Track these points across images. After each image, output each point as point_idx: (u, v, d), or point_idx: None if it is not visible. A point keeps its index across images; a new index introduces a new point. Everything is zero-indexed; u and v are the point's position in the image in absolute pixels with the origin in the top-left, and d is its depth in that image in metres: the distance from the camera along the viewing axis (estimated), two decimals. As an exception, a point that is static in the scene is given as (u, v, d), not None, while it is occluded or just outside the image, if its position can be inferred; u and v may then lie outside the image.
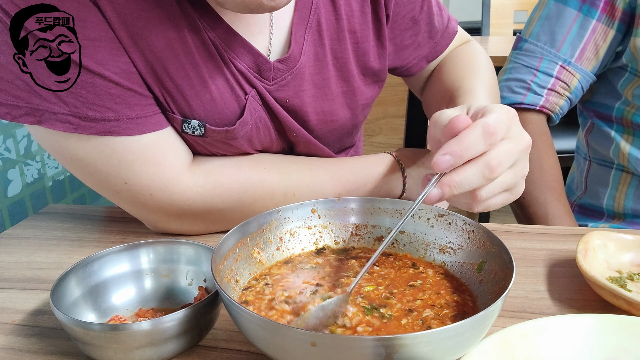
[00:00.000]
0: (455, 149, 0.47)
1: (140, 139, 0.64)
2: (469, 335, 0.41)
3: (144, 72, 0.63)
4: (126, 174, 0.64)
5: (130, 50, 0.62)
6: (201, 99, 0.66)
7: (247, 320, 0.42)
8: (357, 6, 0.75)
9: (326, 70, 0.74)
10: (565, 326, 0.48)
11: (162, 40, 0.63)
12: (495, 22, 2.96)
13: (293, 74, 0.71)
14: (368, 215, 0.61)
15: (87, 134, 0.61)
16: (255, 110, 0.70)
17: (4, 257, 0.70)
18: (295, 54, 0.71)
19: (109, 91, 0.61)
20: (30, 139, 1.73)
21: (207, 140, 0.69)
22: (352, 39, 0.75)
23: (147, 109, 0.64)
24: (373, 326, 0.47)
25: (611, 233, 0.63)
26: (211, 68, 0.66)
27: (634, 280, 0.59)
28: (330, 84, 0.75)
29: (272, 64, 0.70)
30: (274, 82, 0.70)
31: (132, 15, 0.61)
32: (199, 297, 0.55)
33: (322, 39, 0.73)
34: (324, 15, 0.73)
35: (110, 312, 0.55)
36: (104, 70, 0.60)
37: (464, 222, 0.57)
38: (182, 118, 0.67)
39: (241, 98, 0.68)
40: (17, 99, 0.60)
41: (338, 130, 0.80)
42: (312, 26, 0.72)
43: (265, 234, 0.58)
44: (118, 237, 0.74)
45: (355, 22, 0.75)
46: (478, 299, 0.51)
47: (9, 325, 0.56)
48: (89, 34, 0.59)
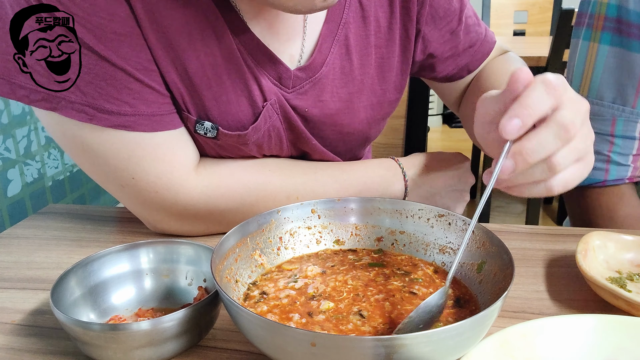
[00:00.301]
0: (521, 110, 0.43)
1: (153, 136, 0.64)
2: (469, 335, 0.41)
3: (165, 71, 0.64)
4: (134, 169, 0.65)
5: (154, 47, 0.62)
6: (217, 101, 0.67)
7: (247, 320, 0.42)
8: (385, 22, 0.74)
9: (352, 85, 0.74)
10: (565, 326, 0.48)
11: (187, 42, 0.63)
12: (495, 22, 2.96)
13: (312, 83, 0.71)
14: (368, 215, 0.61)
15: (101, 125, 0.62)
16: (270, 119, 0.70)
17: (3, 257, 0.70)
18: (316, 63, 0.71)
19: (128, 85, 0.61)
20: (30, 139, 1.73)
21: (219, 142, 0.69)
22: (377, 54, 0.75)
23: (164, 107, 0.65)
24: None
25: (611, 233, 0.63)
26: (232, 73, 0.66)
27: (634, 281, 0.59)
28: (354, 98, 0.75)
29: (293, 72, 0.70)
30: (293, 89, 0.71)
31: (161, 14, 0.62)
32: (198, 297, 0.55)
33: (350, 54, 0.73)
34: (354, 31, 0.73)
35: (110, 312, 0.55)
36: (126, 65, 0.61)
37: (464, 223, 0.57)
38: (196, 119, 0.67)
39: (258, 105, 0.68)
40: (36, 84, 0.60)
41: (352, 142, 0.80)
42: (340, 39, 0.72)
43: (265, 234, 0.58)
44: (118, 237, 0.74)
45: (381, 37, 0.75)
46: (478, 299, 0.51)
47: (8, 325, 0.56)
48: (116, 27, 0.60)
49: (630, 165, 0.81)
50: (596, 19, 0.79)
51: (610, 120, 0.79)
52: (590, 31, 0.80)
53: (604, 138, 0.81)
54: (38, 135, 1.76)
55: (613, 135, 0.80)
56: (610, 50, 0.78)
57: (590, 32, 0.80)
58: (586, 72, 0.81)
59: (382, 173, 0.77)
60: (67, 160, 1.92)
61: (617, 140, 0.80)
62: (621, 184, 0.82)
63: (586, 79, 0.81)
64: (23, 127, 1.69)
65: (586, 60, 0.81)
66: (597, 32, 0.79)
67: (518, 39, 2.77)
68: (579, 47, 0.83)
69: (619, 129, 0.79)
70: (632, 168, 0.81)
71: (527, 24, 3.01)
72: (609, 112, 0.79)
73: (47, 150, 1.81)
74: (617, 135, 0.80)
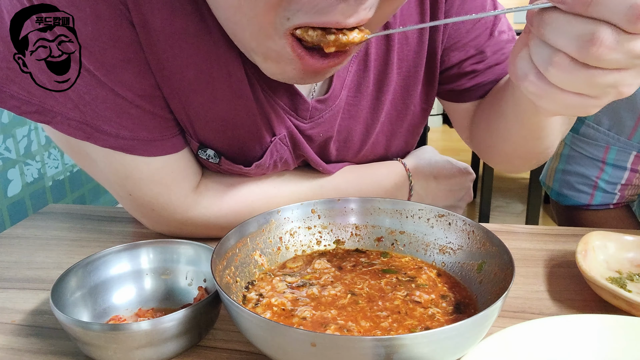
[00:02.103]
0: None
1: (151, 161, 0.62)
2: (469, 335, 0.41)
3: (169, 97, 0.61)
4: (132, 188, 0.64)
5: (158, 75, 0.60)
6: (222, 135, 0.64)
7: (247, 320, 0.42)
8: (414, 33, 0.69)
9: (365, 102, 0.71)
10: (565, 326, 0.48)
11: (193, 71, 0.60)
12: (495, 22, 2.96)
13: (332, 111, 0.68)
14: (368, 215, 0.61)
15: (99, 145, 0.60)
16: (278, 152, 0.67)
17: (3, 257, 0.70)
18: (336, 91, 0.67)
19: (129, 111, 0.59)
20: (30, 139, 1.73)
21: (221, 167, 0.68)
22: (402, 67, 0.71)
23: (166, 132, 0.62)
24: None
25: (611, 233, 0.63)
26: (240, 107, 0.63)
27: (634, 281, 0.59)
28: (366, 113, 0.71)
29: (311, 103, 0.66)
30: (310, 120, 0.67)
31: (167, 42, 0.58)
32: (198, 297, 0.55)
33: (368, 70, 0.69)
34: (374, 46, 0.68)
35: (110, 312, 0.55)
36: (128, 92, 0.58)
37: (463, 223, 0.57)
38: (199, 145, 0.65)
39: (266, 140, 0.65)
40: (30, 95, 0.58)
41: (360, 159, 0.77)
42: (359, 56, 0.68)
43: (265, 234, 0.58)
44: (118, 237, 0.74)
45: (410, 49, 0.70)
46: (478, 299, 0.51)
47: (8, 325, 0.56)
48: (120, 54, 0.57)
49: (616, 193, 0.80)
50: None
51: (604, 147, 0.79)
52: None
53: (594, 163, 0.80)
54: (38, 135, 1.76)
55: (604, 162, 0.79)
56: None
57: None
58: None
59: (390, 182, 0.75)
60: (67, 160, 1.92)
61: (607, 168, 0.79)
62: (604, 208, 0.82)
63: None
64: (23, 127, 1.69)
65: None
66: None
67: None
68: None
69: (612, 157, 0.79)
70: (618, 196, 0.80)
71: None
72: (604, 139, 0.79)
73: (47, 150, 1.81)
74: (608, 162, 0.79)
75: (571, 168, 0.82)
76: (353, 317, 0.48)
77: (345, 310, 0.49)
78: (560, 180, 0.83)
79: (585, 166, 0.81)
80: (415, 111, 0.76)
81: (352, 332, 0.46)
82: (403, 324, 0.48)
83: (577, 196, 0.81)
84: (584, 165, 0.80)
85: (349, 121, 0.71)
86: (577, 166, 0.81)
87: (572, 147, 0.81)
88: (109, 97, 0.58)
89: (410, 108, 0.75)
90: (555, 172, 0.84)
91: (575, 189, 0.81)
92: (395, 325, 0.48)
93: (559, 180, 0.84)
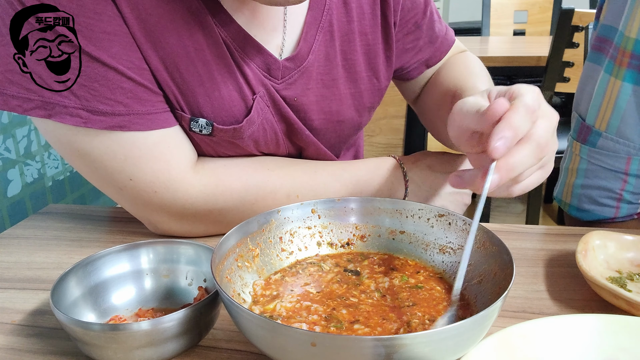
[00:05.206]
0: (507, 132, 0.47)
1: (148, 135, 0.64)
2: (469, 335, 0.41)
3: (155, 69, 0.64)
4: (131, 170, 0.65)
5: (143, 46, 0.63)
6: (210, 97, 0.67)
7: (247, 320, 0.42)
8: (368, 8, 0.75)
9: (335, 71, 0.75)
10: (565, 326, 0.48)
11: (175, 38, 0.63)
12: (495, 22, 2.96)
13: (300, 72, 0.72)
14: (368, 215, 0.61)
15: (96, 128, 0.62)
16: (262, 111, 0.70)
17: (3, 257, 0.70)
18: (303, 52, 0.72)
19: (121, 85, 0.61)
20: (30, 139, 1.73)
21: (214, 139, 0.69)
22: (363, 41, 0.76)
23: (157, 106, 0.65)
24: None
25: (611, 233, 0.63)
26: (221, 67, 0.66)
27: (634, 281, 0.59)
28: (339, 84, 0.76)
29: (281, 62, 0.70)
30: (282, 80, 0.71)
31: (146, 11, 0.62)
32: (199, 297, 0.55)
33: (334, 40, 0.74)
34: (336, 17, 0.74)
35: (110, 312, 0.55)
36: (118, 64, 0.61)
37: (463, 222, 0.57)
38: (190, 116, 0.67)
39: (249, 98, 0.69)
40: (29, 91, 0.60)
41: (342, 130, 0.80)
42: (324, 26, 0.73)
43: (265, 234, 0.58)
44: (118, 237, 0.74)
45: (366, 24, 0.76)
46: (478, 298, 0.51)
47: (8, 325, 0.56)
48: (104, 27, 0.60)
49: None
50: (621, 54, 0.76)
51: (625, 158, 0.77)
52: (613, 65, 0.77)
53: (617, 176, 0.78)
54: (38, 135, 1.76)
55: (627, 174, 0.78)
56: (635, 89, 0.75)
57: (612, 66, 0.77)
58: (605, 107, 0.78)
59: (383, 173, 0.77)
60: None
61: (631, 179, 0.78)
62: (629, 219, 0.81)
63: (604, 114, 0.78)
64: (23, 127, 1.69)
65: (606, 94, 0.78)
66: (621, 68, 0.76)
67: (518, 39, 2.76)
68: (599, 77, 0.80)
69: (634, 167, 0.77)
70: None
71: (527, 24, 3.01)
72: (625, 150, 0.77)
73: (47, 150, 1.81)
74: (631, 174, 0.77)
75: (592, 182, 0.80)
76: (353, 317, 0.48)
77: (346, 310, 0.49)
78: (579, 195, 0.82)
79: (607, 179, 0.79)
80: (379, 87, 0.80)
81: (354, 332, 0.46)
82: (403, 324, 0.48)
83: (600, 210, 0.80)
84: (605, 178, 0.79)
85: (324, 90, 0.75)
86: (597, 180, 0.79)
87: (590, 160, 0.80)
88: (100, 72, 0.60)
89: (374, 82, 0.79)
90: (573, 188, 0.83)
91: (598, 203, 0.80)
92: (396, 325, 0.48)
93: (577, 196, 0.82)
